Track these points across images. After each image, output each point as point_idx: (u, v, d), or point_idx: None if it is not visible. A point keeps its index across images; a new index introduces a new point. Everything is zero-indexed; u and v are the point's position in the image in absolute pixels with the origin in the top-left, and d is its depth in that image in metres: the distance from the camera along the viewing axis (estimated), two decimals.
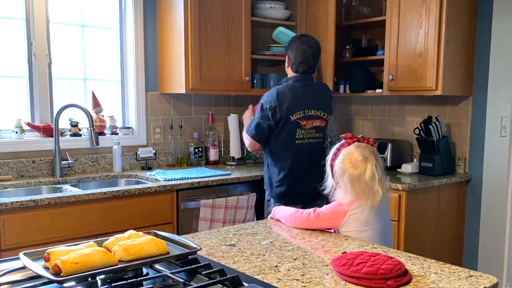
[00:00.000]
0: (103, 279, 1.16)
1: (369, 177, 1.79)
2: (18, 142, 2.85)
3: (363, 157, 1.81)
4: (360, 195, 1.79)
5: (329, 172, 1.92)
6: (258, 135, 2.78)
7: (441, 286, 1.26)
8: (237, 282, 1.19)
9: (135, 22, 3.27)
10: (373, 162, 1.81)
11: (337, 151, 1.89)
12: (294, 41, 2.89)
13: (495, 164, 3.16)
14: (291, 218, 1.90)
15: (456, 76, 3.03)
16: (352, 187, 1.79)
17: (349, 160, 1.82)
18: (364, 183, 1.78)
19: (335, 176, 1.86)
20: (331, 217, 1.83)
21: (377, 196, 1.79)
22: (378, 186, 1.79)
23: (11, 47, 2.91)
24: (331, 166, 1.89)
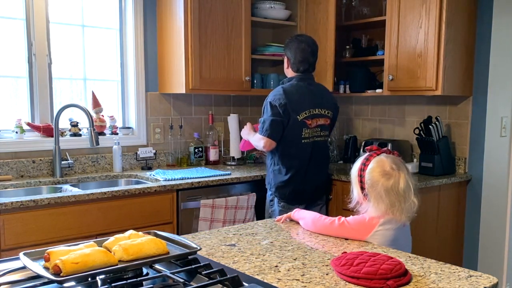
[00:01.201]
0: (103, 279, 1.16)
1: (404, 186, 1.70)
2: (18, 142, 2.85)
3: (396, 166, 1.73)
4: (394, 206, 1.69)
5: (356, 183, 1.80)
6: (274, 133, 2.71)
7: (441, 286, 1.26)
8: (237, 282, 1.19)
9: (135, 22, 3.27)
10: (406, 171, 1.74)
11: (365, 161, 1.78)
12: (291, 41, 2.87)
13: (495, 164, 3.16)
14: (312, 223, 1.81)
15: (456, 76, 3.03)
16: (386, 197, 1.69)
17: (381, 169, 1.72)
18: (399, 193, 1.69)
19: (366, 187, 1.74)
20: (357, 229, 1.73)
21: (412, 207, 1.70)
22: (414, 197, 1.71)
23: (11, 47, 2.91)
24: (359, 177, 1.78)
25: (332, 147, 3.77)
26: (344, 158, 3.75)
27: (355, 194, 1.81)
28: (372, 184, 1.72)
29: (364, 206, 1.78)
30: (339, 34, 3.81)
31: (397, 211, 1.69)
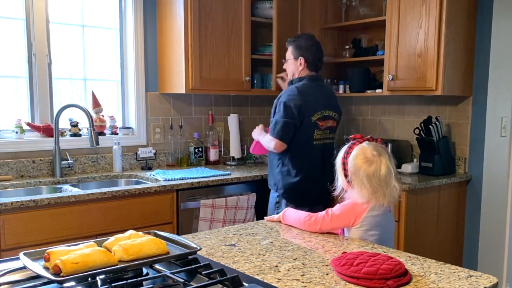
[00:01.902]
0: (103, 279, 1.16)
1: (385, 172, 1.74)
2: (18, 142, 2.85)
3: (377, 153, 1.77)
4: (376, 192, 1.74)
5: (340, 171, 1.85)
6: (285, 135, 2.68)
7: (441, 286, 1.26)
8: (237, 282, 1.19)
9: (135, 22, 3.27)
10: (387, 157, 1.78)
11: (348, 149, 1.83)
12: (305, 40, 2.84)
13: (495, 164, 3.16)
14: (305, 224, 1.83)
15: (456, 76, 3.03)
16: (368, 183, 1.73)
17: (363, 156, 1.77)
18: (380, 178, 1.74)
19: (349, 174, 1.79)
20: (346, 217, 1.77)
21: (394, 192, 1.75)
22: (395, 182, 1.76)
23: (11, 47, 2.91)
24: (343, 164, 1.83)
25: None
26: None
27: (339, 181, 1.86)
28: (355, 171, 1.77)
29: (349, 193, 1.83)
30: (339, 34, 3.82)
31: (380, 196, 1.75)
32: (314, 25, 3.71)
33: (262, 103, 3.93)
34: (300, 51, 2.81)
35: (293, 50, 2.83)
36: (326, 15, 3.74)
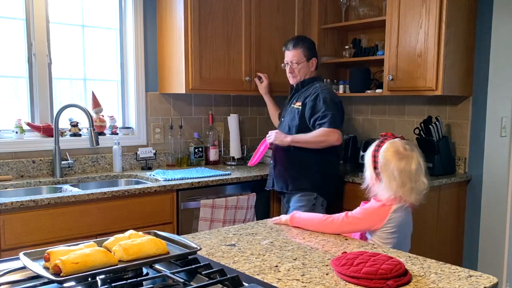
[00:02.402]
0: (103, 279, 1.16)
1: (416, 167, 1.76)
2: (18, 142, 2.85)
3: (409, 147, 1.79)
4: (404, 186, 1.74)
5: (370, 164, 1.85)
6: (341, 127, 2.81)
7: (441, 286, 1.26)
8: (237, 282, 1.19)
9: (135, 22, 3.27)
10: (418, 153, 1.80)
11: (380, 143, 1.85)
12: (309, 43, 2.98)
13: (495, 164, 3.16)
14: (325, 222, 1.80)
15: (456, 76, 3.03)
16: (398, 176, 1.74)
17: (394, 150, 1.78)
18: (410, 173, 1.74)
19: (379, 167, 1.80)
20: (370, 219, 1.77)
21: (422, 187, 1.76)
22: (424, 178, 1.77)
23: (11, 47, 2.91)
24: (373, 157, 1.83)
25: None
26: (344, 158, 3.74)
27: (368, 175, 1.86)
28: (385, 163, 1.78)
29: (376, 187, 1.82)
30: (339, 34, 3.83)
31: (407, 190, 1.75)
32: (314, 25, 3.71)
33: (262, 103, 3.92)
34: (311, 53, 2.95)
35: (306, 52, 2.91)
36: (326, 15, 3.74)
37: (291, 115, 2.92)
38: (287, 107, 3.01)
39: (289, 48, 2.95)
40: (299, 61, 2.90)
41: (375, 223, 1.77)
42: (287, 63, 2.96)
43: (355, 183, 3.05)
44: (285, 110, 3.05)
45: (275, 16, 3.55)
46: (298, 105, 2.88)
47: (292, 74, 2.94)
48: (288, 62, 2.95)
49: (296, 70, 2.92)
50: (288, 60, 2.94)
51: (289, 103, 2.99)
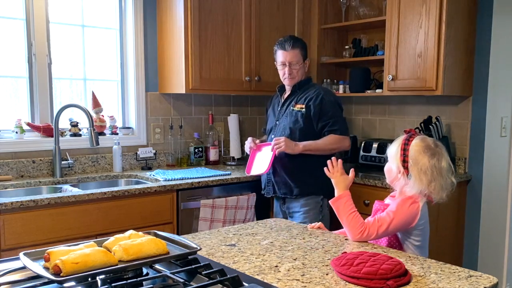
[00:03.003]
0: (103, 279, 1.16)
1: (446, 164, 1.75)
2: (18, 142, 2.85)
3: (440, 145, 1.79)
4: (434, 182, 1.73)
5: (398, 158, 1.80)
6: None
7: (441, 286, 1.26)
8: (237, 282, 1.19)
9: (135, 22, 3.27)
10: (446, 152, 1.79)
11: (409, 137, 1.82)
12: (303, 43, 2.92)
13: (495, 164, 3.16)
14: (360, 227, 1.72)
15: (456, 76, 3.03)
16: (429, 172, 1.72)
17: (426, 145, 1.76)
18: (441, 169, 1.74)
19: (409, 161, 1.76)
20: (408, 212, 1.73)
21: (449, 186, 1.75)
22: (452, 176, 1.77)
23: (11, 47, 2.91)
24: (402, 150, 1.79)
25: None
26: (344, 158, 3.74)
27: (394, 169, 1.82)
28: (417, 158, 1.76)
29: (401, 182, 1.79)
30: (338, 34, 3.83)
31: (437, 187, 1.74)
32: (314, 25, 3.71)
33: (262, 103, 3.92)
34: (305, 53, 2.91)
35: (303, 53, 2.86)
36: (326, 15, 3.74)
37: (291, 118, 2.82)
38: (283, 109, 2.89)
39: (286, 48, 2.82)
40: (299, 62, 2.83)
41: (412, 218, 1.74)
42: (284, 64, 2.83)
43: (355, 183, 3.05)
44: (279, 113, 2.91)
45: (275, 16, 3.55)
46: (301, 107, 2.80)
47: (291, 75, 2.83)
48: (285, 63, 2.82)
49: (295, 71, 2.83)
50: (286, 60, 2.82)
51: (285, 105, 2.89)
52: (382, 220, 1.71)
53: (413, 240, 1.77)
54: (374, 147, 3.36)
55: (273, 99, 3.08)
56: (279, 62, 2.85)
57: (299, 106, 2.81)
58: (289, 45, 2.81)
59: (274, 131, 2.90)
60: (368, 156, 3.39)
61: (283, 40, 2.87)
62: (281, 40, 2.87)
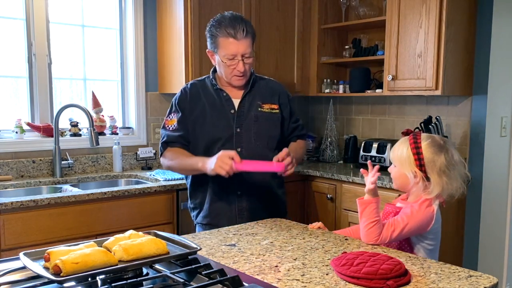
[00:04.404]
0: (103, 279, 1.16)
1: (458, 158, 1.71)
2: (18, 142, 2.85)
3: (446, 140, 1.74)
4: (453, 178, 1.68)
5: (411, 163, 1.71)
6: None
7: (441, 286, 1.26)
8: (237, 282, 1.19)
9: (135, 22, 3.27)
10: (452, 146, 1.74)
11: (415, 140, 1.72)
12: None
13: (495, 164, 3.16)
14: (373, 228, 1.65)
15: (456, 76, 3.03)
16: (448, 171, 1.68)
17: (438, 144, 1.70)
18: (456, 164, 1.70)
19: (426, 164, 1.69)
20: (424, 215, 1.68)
21: (466, 179, 1.71)
22: (465, 169, 1.73)
23: (11, 47, 2.91)
24: (416, 155, 1.70)
25: (332, 147, 3.77)
26: (344, 158, 3.75)
27: (409, 175, 1.72)
28: (433, 160, 1.69)
29: (419, 187, 1.72)
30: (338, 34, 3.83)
31: (458, 181, 1.70)
32: (314, 25, 3.71)
33: None
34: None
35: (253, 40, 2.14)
36: (326, 15, 3.74)
37: (266, 122, 2.16)
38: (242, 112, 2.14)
39: (237, 36, 2.03)
40: (251, 53, 2.10)
41: (428, 222, 1.70)
42: (235, 58, 2.05)
43: (355, 183, 3.05)
44: (238, 117, 2.13)
45: (275, 16, 3.54)
46: (273, 108, 2.20)
47: (244, 73, 2.09)
48: (237, 56, 2.05)
49: (248, 66, 2.10)
50: (239, 52, 2.03)
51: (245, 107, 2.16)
52: (396, 224, 1.65)
53: (426, 244, 1.73)
54: (374, 147, 3.36)
55: (193, 97, 2.19)
56: (226, 54, 2.05)
57: (271, 106, 2.20)
58: (243, 32, 2.04)
59: (239, 142, 2.12)
60: (368, 156, 3.39)
61: (230, 22, 2.05)
62: (227, 23, 2.05)
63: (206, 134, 2.13)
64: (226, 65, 2.08)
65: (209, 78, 2.25)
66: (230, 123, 2.14)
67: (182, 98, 2.22)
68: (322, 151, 3.82)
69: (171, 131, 2.19)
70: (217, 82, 2.20)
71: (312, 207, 3.38)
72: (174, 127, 2.19)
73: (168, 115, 2.25)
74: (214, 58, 2.18)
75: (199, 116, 2.15)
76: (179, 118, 2.18)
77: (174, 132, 2.18)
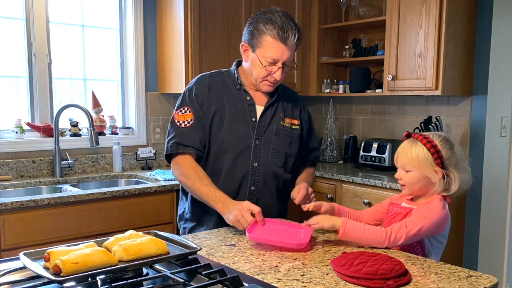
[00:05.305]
0: (103, 279, 1.16)
1: (461, 150, 1.71)
2: (18, 142, 2.85)
3: (444, 134, 1.74)
4: (465, 175, 1.69)
5: (431, 164, 1.65)
6: None
7: (441, 286, 1.25)
8: (237, 282, 1.18)
9: (135, 22, 3.27)
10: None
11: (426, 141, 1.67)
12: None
13: (495, 164, 3.16)
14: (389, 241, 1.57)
15: (456, 76, 3.03)
16: (462, 165, 1.69)
17: (449, 141, 1.69)
18: (463, 156, 1.71)
19: (446, 162, 1.66)
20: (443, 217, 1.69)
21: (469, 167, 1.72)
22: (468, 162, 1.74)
23: (11, 47, 2.91)
24: (436, 153, 1.65)
25: (332, 147, 3.77)
26: (344, 158, 3.75)
27: (431, 176, 1.68)
28: (450, 156, 1.68)
29: (440, 185, 1.69)
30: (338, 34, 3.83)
31: (466, 175, 1.72)
32: (314, 25, 3.71)
33: None
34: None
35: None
36: (326, 15, 3.74)
37: (285, 138, 1.95)
38: (264, 122, 1.92)
39: (287, 42, 1.80)
40: (293, 64, 1.94)
41: (443, 223, 1.71)
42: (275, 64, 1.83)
43: (355, 183, 3.05)
44: (259, 127, 1.90)
45: None
46: (294, 123, 1.99)
47: (279, 80, 1.87)
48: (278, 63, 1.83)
49: (284, 75, 1.89)
50: (282, 59, 1.82)
51: (267, 116, 1.93)
52: (411, 224, 1.60)
53: (436, 244, 1.72)
54: (374, 147, 3.36)
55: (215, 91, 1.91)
56: (267, 56, 1.82)
57: (292, 121, 1.99)
58: (294, 38, 1.82)
59: (256, 156, 1.89)
60: (368, 156, 3.39)
61: (283, 23, 1.82)
62: (280, 23, 1.81)
63: (221, 140, 1.86)
64: (263, 68, 1.83)
65: (231, 74, 1.97)
66: (250, 132, 1.88)
67: (202, 88, 1.89)
68: (322, 151, 3.82)
69: (185, 128, 1.85)
70: (242, 81, 1.94)
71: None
72: (189, 123, 1.85)
73: (180, 108, 1.89)
74: (247, 54, 1.90)
75: (216, 116, 1.87)
76: (197, 113, 1.85)
77: (189, 130, 1.85)
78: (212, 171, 1.88)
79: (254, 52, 1.85)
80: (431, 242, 1.71)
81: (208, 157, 1.89)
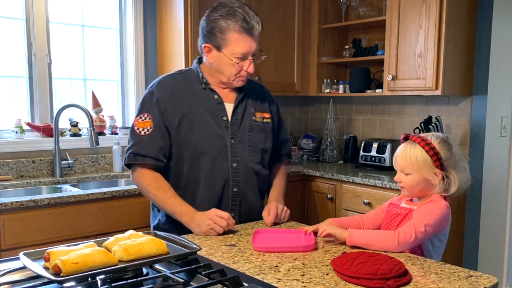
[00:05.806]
0: (103, 279, 1.16)
1: (459, 149, 1.71)
2: (18, 142, 2.85)
3: (447, 135, 1.73)
4: (464, 174, 1.69)
5: (430, 165, 1.65)
6: None
7: (441, 286, 1.25)
8: (237, 282, 1.18)
9: (135, 22, 3.27)
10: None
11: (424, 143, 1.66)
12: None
13: (495, 164, 3.16)
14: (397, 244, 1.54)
15: (456, 76, 3.03)
16: (462, 164, 1.69)
17: (447, 142, 1.68)
18: (463, 158, 1.70)
19: (445, 164, 1.66)
20: (442, 222, 1.69)
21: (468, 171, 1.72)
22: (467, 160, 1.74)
23: (11, 47, 2.91)
24: (434, 156, 1.64)
25: (332, 146, 3.77)
26: (344, 158, 3.75)
27: (431, 178, 1.67)
28: (449, 157, 1.68)
29: (440, 186, 1.69)
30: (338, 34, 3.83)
31: (465, 174, 1.72)
32: (314, 25, 3.71)
33: None
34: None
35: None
36: (326, 15, 3.74)
37: (259, 134, 1.91)
38: (236, 119, 1.86)
39: (253, 32, 1.76)
40: (261, 53, 1.86)
41: (446, 221, 1.71)
42: (247, 57, 1.78)
43: (355, 183, 3.05)
44: (232, 125, 1.85)
45: (275, 16, 3.54)
46: (265, 117, 1.94)
47: (252, 72, 1.83)
48: (249, 56, 1.78)
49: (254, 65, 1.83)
50: (252, 51, 1.78)
51: (238, 113, 1.87)
52: (417, 222, 1.59)
53: (437, 247, 1.71)
54: (374, 147, 3.36)
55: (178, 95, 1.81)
56: (237, 52, 1.76)
57: (263, 114, 1.94)
58: (258, 26, 1.80)
59: (234, 156, 1.84)
60: (368, 156, 3.40)
61: (243, 16, 1.76)
62: (241, 16, 1.76)
63: (195, 144, 1.78)
64: (235, 65, 1.77)
65: (195, 72, 1.87)
66: (223, 132, 1.82)
67: (164, 92, 1.79)
68: (322, 151, 3.82)
69: (144, 136, 1.76)
70: (207, 80, 1.86)
71: (312, 207, 3.38)
72: (148, 131, 1.76)
73: (140, 114, 1.79)
74: (212, 54, 1.79)
75: (184, 121, 1.78)
76: (156, 121, 1.76)
77: (148, 138, 1.76)
78: (189, 179, 1.81)
79: (221, 51, 1.76)
80: (432, 242, 1.71)
81: (183, 164, 1.80)
